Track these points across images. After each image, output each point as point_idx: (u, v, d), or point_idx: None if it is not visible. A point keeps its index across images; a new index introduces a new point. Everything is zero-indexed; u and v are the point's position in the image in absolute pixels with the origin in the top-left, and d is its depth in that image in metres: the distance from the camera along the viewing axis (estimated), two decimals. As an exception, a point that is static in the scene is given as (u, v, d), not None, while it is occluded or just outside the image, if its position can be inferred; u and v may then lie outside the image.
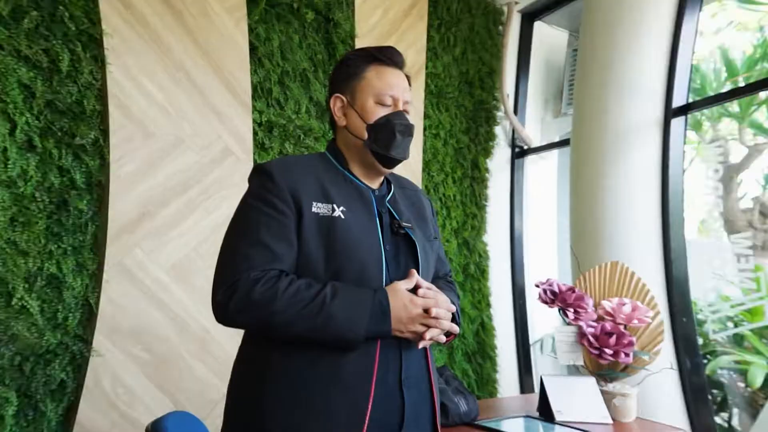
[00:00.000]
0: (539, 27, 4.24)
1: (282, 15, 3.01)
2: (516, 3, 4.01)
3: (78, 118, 2.30)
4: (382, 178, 1.49)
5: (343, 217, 1.31)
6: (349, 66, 1.42)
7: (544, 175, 4.39)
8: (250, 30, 2.89)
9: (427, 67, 3.64)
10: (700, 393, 2.94)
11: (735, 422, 3.42)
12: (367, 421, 1.23)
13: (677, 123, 3.14)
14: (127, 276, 2.43)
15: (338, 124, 1.43)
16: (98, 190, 2.38)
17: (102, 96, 2.38)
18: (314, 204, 1.30)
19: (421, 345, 1.25)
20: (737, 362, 3.37)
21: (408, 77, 1.46)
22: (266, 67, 2.95)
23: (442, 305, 1.26)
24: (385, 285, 1.31)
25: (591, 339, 2.43)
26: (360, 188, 1.41)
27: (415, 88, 3.50)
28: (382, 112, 1.38)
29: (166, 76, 2.60)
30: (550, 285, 2.53)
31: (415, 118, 3.52)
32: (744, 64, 4.21)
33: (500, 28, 4.05)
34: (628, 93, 3.20)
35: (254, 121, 2.88)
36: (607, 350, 2.39)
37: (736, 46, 4.32)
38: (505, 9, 4.01)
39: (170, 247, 2.57)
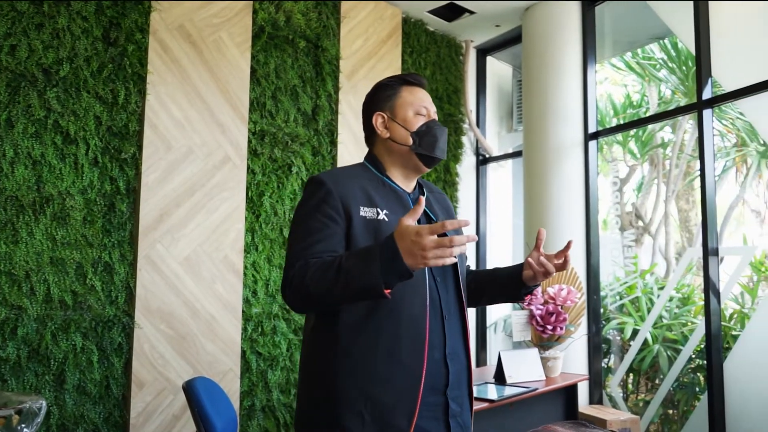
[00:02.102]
0: (491, 60, 5.07)
1: (279, 44, 3.53)
2: (472, 41, 4.72)
3: (124, 138, 2.86)
4: (415, 183, 1.65)
5: (386, 219, 1.48)
6: (385, 89, 1.63)
7: (502, 181, 5.08)
8: (252, 57, 3.40)
9: (400, 86, 4.20)
10: (597, 348, 3.92)
11: (611, 363, 4.49)
12: (421, 387, 1.43)
13: (592, 144, 3.98)
14: (153, 266, 2.94)
15: (381, 137, 1.60)
16: (134, 194, 2.90)
17: (140, 120, 2.92)
18: (362, 209, 1.47)
19: (449, 262, 1.22)
20: (619, 323, 4.34)
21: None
22: (262, 85, 3.45)
23: (452, 224, 1.20)
24: (429, 282, 1.49)
25: (538, 319, 3.07)
26: (398, 192, 1.58)
27: (390, 104, 4.07)
28: (420, 120, 1.59)
29: (185, 98, 3.11)
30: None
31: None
32: (621, 108, 5.70)
33: (461, 58, 4.71)
34: (560, 118, 4.01)
35: (249, 130, 3.36)
36: (548, 326, 3.03)
37: (615, 94, 5.81)
38: (464, 44, 4.70)
39: (182, 243, 3.06)
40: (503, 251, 5.04)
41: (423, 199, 1.26)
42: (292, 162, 3.52)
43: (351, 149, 3.81)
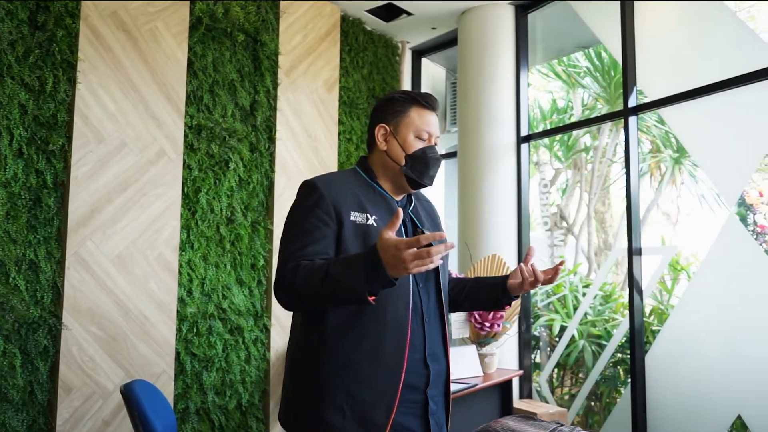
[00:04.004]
0: (425, 62, 5.14)
1: (217, 37, 3.44)
2: (408, 42, 4.79)
3: (52, 129, 2.69)
4: (404, 193, 1.72)
5: (376, 224, 1.54)
6: (395, 104, 1.66)
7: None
8: (189, 49, 3.29)
9: (340, 82, 4.20)
10: (527, 345, 4.08)
11: (538, 358, 4.73)
12: (401, 385, 1.50)
13: (524, 147, 4.13)
14: (83, 265, 2.79)
15: (379, 148, 1.65)
16: (62, 189, 2.73)
17: (70, 110, 2.76)
18: (352, 213, 1.52)
19: (431, 267, 1.26)
20: (547, 321, 4.55)
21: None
22: (200, 78, 3.35)
23: (426, 238, 1.23)
24: (412, 286, 1.56)
25: (477, 316, 3.13)
26: (388, 200, 1.64)
27: (330, 99, 4.07)
28: (419, 145, 1.62)
29: (118, 89, 2.97)
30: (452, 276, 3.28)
31: (330, 124, 4.07)
32: (548, 113, 6.05)
33: (397, 59, 4.76)
34: (494, 121, 4.13)
35: (185, 124, 3.26)
36: (486, 324, 3.10)
37: (541, 99, 6.18)
38: (400, 45, 4.75)
39: (114, 240, 2.92)
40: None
41: (401, 210, 1.29)
42: (230, 158, 3.44)
43: (289, 146, 3.76)
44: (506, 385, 3.22)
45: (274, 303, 3.59)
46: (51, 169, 2.68)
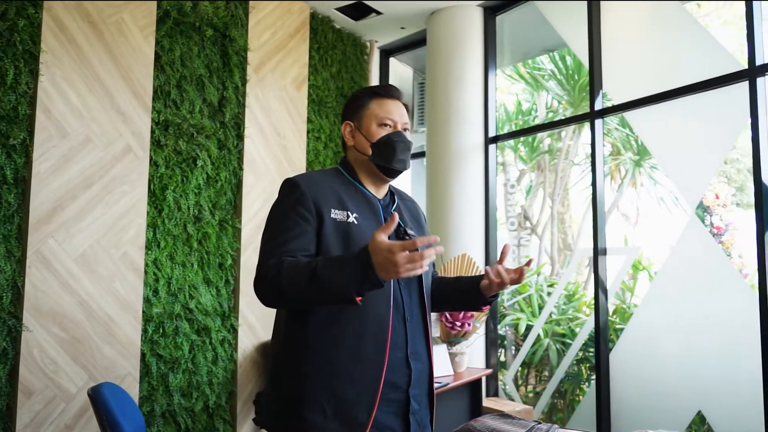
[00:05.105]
0: (393, 62, 5.16)
1: (185, 31, 3.36)
2: (376, 42, 4.79)
3: (13, 122, 2.57)
4: (387, 189, 1.72)
5: (356, 222, 1.55)
6: (357, 100, 1.69)
7: (401, 181, 5.17)
8: (157, 42, 3.21)
9: (309, 80, 4.16)
10: (493, 343, 4.13)
11: (503, 357, 4.80)
12: (381, 383, 1.49)
13: (492, 148, 4.17)
14: (45, 264, 2.69)
15: (348, 144, 1.69)
16: (23, 185, 2.62)
17: (32, 103, 2.65)
18: (333, 211, 1.53)
19: (419, 272, 1.28)
20: (513, 320, 4.63)
21: (406, 105, 1.71)
22: (167, 72, 3.27)
23: (421, 241, 1.25)
24: (394, 285, 1.55)
25: (448, 315, 3.14)
26: (369, 198, 1.64)
27: (299, 97, 4.03)
28: (384, 132, 1.63)
29: (83, 82, 2.87)
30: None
31: (299, 122, 4.03)
32: (513, 114, 6.16)
33: (365, 57, 4.74)
34: (462, 121, 4.16)
35: (152, 120, 3.17)
36: (457, 323, 3.11)
37: (506, 101, 6.27)
38: (369, 44, 4.74)
39: (78, 238, 2.83)
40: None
41: (396, 215, 1.30)
42: (198, 155, 3.37)
43: (258, 144, 3.71)
44: (476, 384, 3.25)
45: (242, 303, 3.53)
46: (11, 164, 2.57)
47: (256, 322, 3.61)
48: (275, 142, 3.84)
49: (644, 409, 3.37)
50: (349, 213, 1.56)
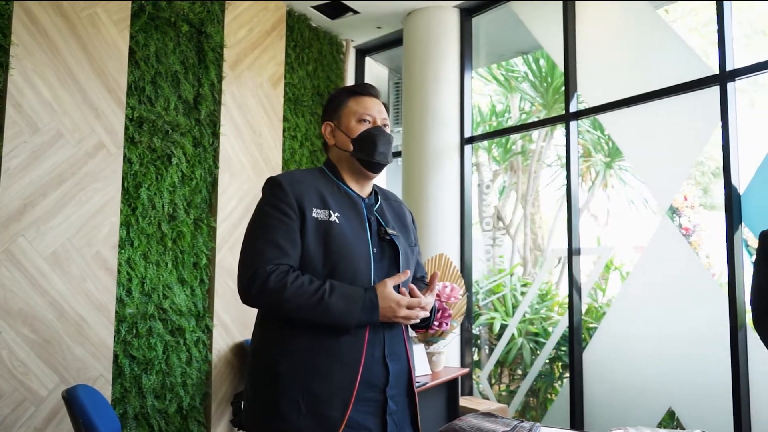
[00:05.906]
0: (369, 61, 5.16)
1: (160, 26, 3.30)
2: (352, 41, 4.79)
3: (-18, 117, 2.48)
4: (371, 189, 1.74)
5: (338, 221, 1.57)
6: (334, 101, 1.72)
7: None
8: (131, 38, 3.15)
9: (285, 78, 4.13)
10: (468, 342, 4.17)
11: (476, 356, 4.84)
12: (357, 382, 1.50)
13: (468, 148, 4.20)
14: (14, 262, 2.61)
15: (329, 144, 1.71)
16: (-8, 181, 2.55)
17: (2, 97, 2.57)
18: (314, 210, 1.56)
19: (413, 322, 1.55)
20: (488, 319, 4.65)
21: (385, 105, 1.74)
22: (142, 68, 3.21)
23: (427, 307, 1.53)
24: (373, 283, 1.57)
25: (423, 314, 3.15)
26: (352, 197, 1.66)
27: (275, 95, 3.99)
28: (363, 128, 1.66)
29: (55, 76, 2.80)
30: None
31: (275, 120, 4.00)
32: (486, 116, 6.26)
33: (341, 56, 4.73)
34: (438, 122, 4.19)
35: (126, 116, 3.10)
36: (435, 323, 3.12)
37: (480, 103, 6.35)
38: (345, 43, 4.74)
39: (48, 237, 2.75)
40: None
41: (409, 271, 1.58)
42: (173, 152, 3.31)
43: (233, 141, 3.67)
44: (452, 383, 3.27)
45: (217, 303, 3.49)
46: (-20, 159, 2.50)
47: (230, 323, 3.56)
48: (251, 140, 3.80)
49: (616, 407, 3.43)
50: (330, 212, 1.58)
